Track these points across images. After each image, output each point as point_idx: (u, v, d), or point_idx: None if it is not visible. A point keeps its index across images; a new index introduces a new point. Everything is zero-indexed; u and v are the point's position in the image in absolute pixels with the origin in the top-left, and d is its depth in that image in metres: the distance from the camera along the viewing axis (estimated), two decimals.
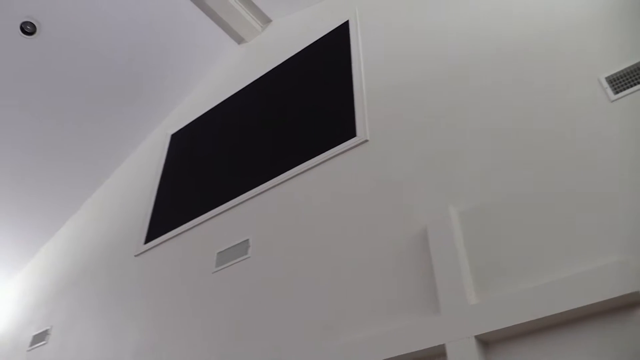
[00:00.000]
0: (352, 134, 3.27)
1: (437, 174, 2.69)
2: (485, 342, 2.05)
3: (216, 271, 3.40)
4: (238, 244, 3.38)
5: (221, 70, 5.30)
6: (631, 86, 2.25)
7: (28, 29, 4.71)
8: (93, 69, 4.95)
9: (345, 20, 4.12)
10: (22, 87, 4.87)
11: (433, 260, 2.32)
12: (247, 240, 3.34)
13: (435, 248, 2.35)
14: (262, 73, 4.60)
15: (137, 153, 5.44)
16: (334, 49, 4.00)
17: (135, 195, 4.90)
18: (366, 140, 3.17)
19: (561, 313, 1.87)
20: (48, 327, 4.70)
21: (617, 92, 2.28)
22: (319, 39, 4.27)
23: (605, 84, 2.33)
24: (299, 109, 3.84)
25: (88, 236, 5.17)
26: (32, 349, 4.72)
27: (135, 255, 4.24)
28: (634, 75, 2.27)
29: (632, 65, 2.29)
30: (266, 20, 5.23)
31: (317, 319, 2.65)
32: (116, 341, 3.84)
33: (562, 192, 2.19)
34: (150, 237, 4.23)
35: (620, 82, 2.30)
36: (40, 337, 4.72)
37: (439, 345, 2.09)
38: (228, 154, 4.17)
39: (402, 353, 2.16)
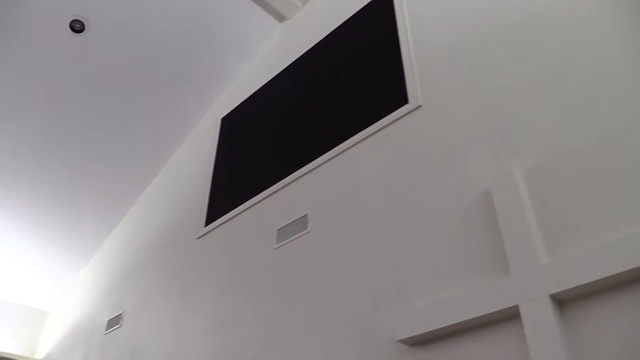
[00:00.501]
0: (404, 100, 3.21)
1: (497, 134, 2.61)
2: (561, 301, 1.99)
3: (277, 247, 3.45)
4: (297, 219, 3.41)
5: (264, 49, 5.30)
6: None
7: (77, 27, 4.84)
8: (141, 63, 5.06)
9: None
10: (76, 83, 5.03)
11: (499, 222, 2.27)
12: (306, 215, 3.36)
13: (500, 209, 2.30)
14: (306, 49, 4.57)
15: (190, 139, 5.55)
16: (377, 16, 3.93)
17: (192, 180, 5.01)
18: (419, 106, 3.11)
19: (638, 268, 1.80)
20: (121, 311, 4.92)
21: None
22: (361, 8, 4.19)
23: None
24: (347, 81, 3.80)
25: (151, 223, 5.34)
26: (108, 332, 4.96)
27: (197, 238, 4.36)
28: None
29: None
30: None
31: (383, 289, 2.65)
32: (186, 321, 3.97)
33: (630, 144, 2.09)
34: (210, 219, 4.32)
35: None
36: (114, 321, 4.94)
37: (512, 307, 2.05)
38: (279, 132, 4.19)
39: (474, 316, 2.13)
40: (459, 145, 2.75)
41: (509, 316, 2.10)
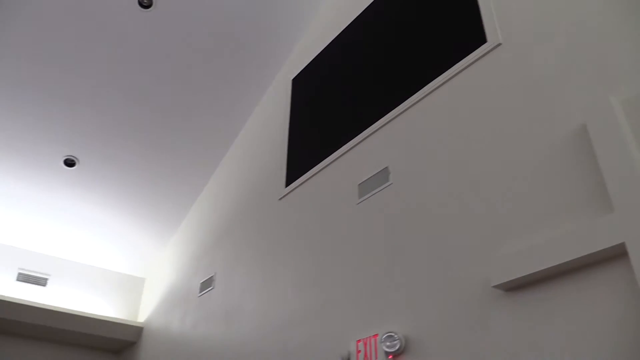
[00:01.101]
0: (481, 40, 3.05)
1: (589, 63, 2.43)
2: None
3: (360, 202, 3.44)
4: (378, 172, 3.37)
5: (329, 5, 5.19)
6: None
7: (145, 2, 4.94)
8: (208, 33, 5.10)
9: None
10: (147, 57, 5.17)
11: (598, 157, 2.12)
12: (387, 167, 3.31)
13: (598, 143, 2.15)
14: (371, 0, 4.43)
15: (262, 104, 5.59)
16: None
17: (268, 143, 5.07)
18: (499, 44, 2.94)
19: None
20: (212, 274, 5.13)
21: None
22: None
23: None
24: (419, 27, 3.66)
25: (232, 189, 5.49)
26: (202, 294, 5.20)
27: (279, 199, 4.43)
28: None
29: None
30: None
31: (475, 234, 2.58)
32: (274, 280, 4.08)
33: None
34: (290, 179, 4.37)
35: None
36: (207, 284, 5.18)
37: (618, 245, 1.93)
38: (351, 87, 4.12)
39: (575, 257, 2.03)
40: (545, 80, 2.58)
41: (614, 255, 1.98)
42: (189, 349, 5.10)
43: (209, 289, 5.08)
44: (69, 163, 5.86)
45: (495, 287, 2.32)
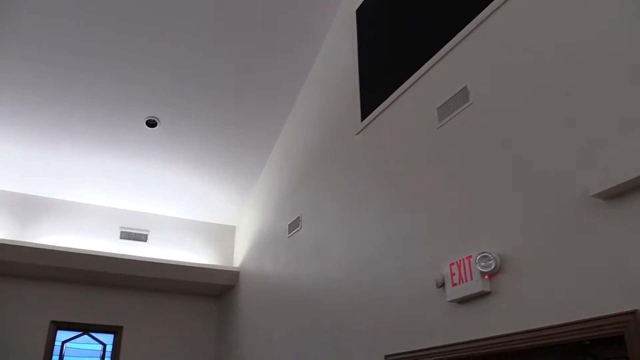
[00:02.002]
0: None
1: None
2: None
3: (440, 126, 3.34)
4: (456, 93, 3.24)
5: None
6: None
7: None
8: None
9: None
10: (218, 5, 5.17)
11: None
12: (465, 87, 3.18)
13: None
14: None
15: (328, 39, 5.48)
16: None
17: (339, 79, 5.00)
18: None
19: None
20: (298, 215, 5.26)
21: None
22: None
23: None
24: None
25: (308, 128, 5.51)
26: (291, 235, 5.36)
27: (356, 134, 4.40)
28: None
29: None
30: None
31: (571, 142, 2.44)
32: (358, 215, 4.12)
33: None
34: (365, 113, 4.32)
35: None
36: (294, 225, 5.32)
37: None
38: (419, 8, 3.93)
39: None
40: None
41: None
42: (284, 287, 5.32)
43: (297, 229, 5.23)
44: (151, 124, 6.09)
45: (595, 196, 2.21)
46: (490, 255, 2.69)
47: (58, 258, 6.28)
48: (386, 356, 3.41)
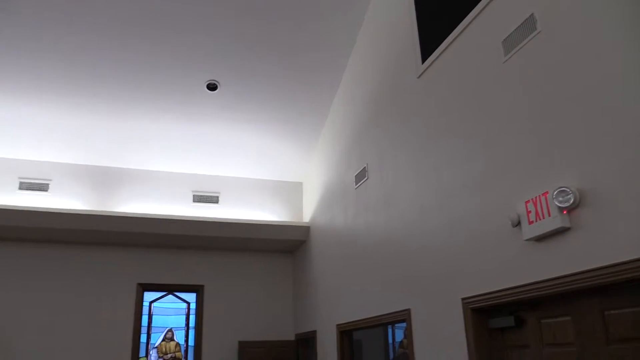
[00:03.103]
0: None
1: None
2: None
3: (506, 60, 3.18)
4: (523, 22, 3.05)
5: None
6: None
7: None
8: None
9: None
10: None
11: None
12: (532, 14, 2.98)
13: None
14: None
15: None
16: None
17: (396, 23, 4.84)
18: None
19: None
20: (364, 165, 5.24)
21: None
22: None
23: None
24: None
25: (368, 77, 5.42)
26: (358, 186, 5.36)
27: (418, 77, 4.28)
28: None
29: None
30: None
31: None
32: (425, 160, 4.04)
33: None
34: (425, 55, 4.18)
35: None
36: (361, 175, 5.31)
37: None
38: None
39: None
40: None
41: None
42: (354, 238, 5.36)
43: (364, 179, 5.21)
44: (211, 87, 6.18)
45: None
46: (568, 190, 2.57)
47: (137, 224, 6.62)
48: (463, 299, 3.40)
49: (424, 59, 4.18)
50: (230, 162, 7.23)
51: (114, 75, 5.87)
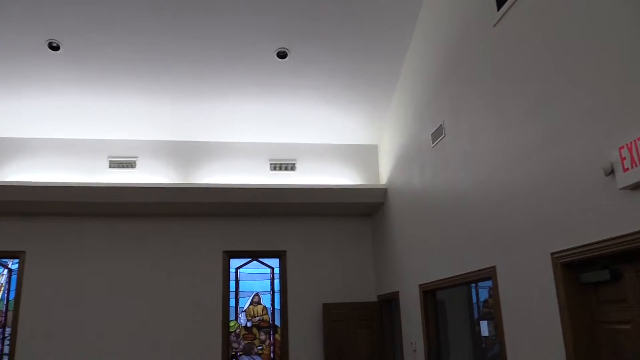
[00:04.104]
0: None
1: None
2: None
3: None
4: None
5: None
6: None
7: None
8: None
9: None
10: None
11: None
12: None
13: None
14: None
15: None
16: None
17: None
18: None
19: None
20: (441, 122, 5.10)
21: None
22: None
23: None
24: None
25: (441, 31, 5.22)
26: (435, 144, 5.24)
27: (494, 25, 4.06)
28: None
29: None
30: None
31: None
32: (506, 111, 3.86)
33: None
34: (500, 1, 3.96)
35: None
36: (437, 133, 5.18)
37: None
38: None
39: None
40: None
41: None
42: (434, 198, 5.27)
43: (441, 137, 5.08)
44: (281, 55, 6.19)
45: None
46: None
47: (218, 195, 6.85)
48: (552, 254, 3.26)
49: (499, 6, 3.96)
50: (305, 128, 7.27)
51: (189, 53, 6.02)
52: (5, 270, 7.20)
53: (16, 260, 7.18)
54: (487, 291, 4.57)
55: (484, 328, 4.73)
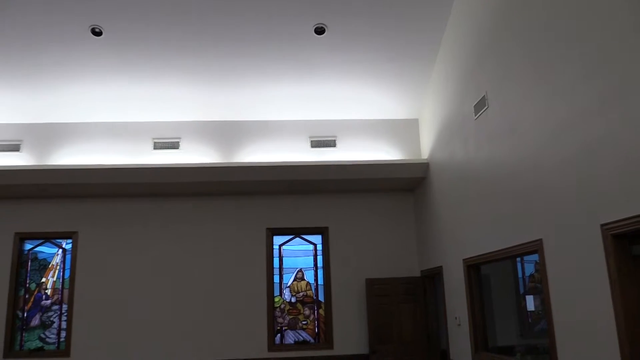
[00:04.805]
0: None
1: None
2: None
3: None
4: None
5: None
6: None
7: None
8: None
9: None
10: None
11: None
12: None
13: None
14: None
15: None
16: None
17: None
18: None
19: None
20: (483, 94, 4.97)
21: None
22: None
23: None
24: None
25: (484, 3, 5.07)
26: (478, 116, 5.12)
27: None
28: None
29: None
30: None
31: None
32: (554, 79, 3.72)
33: None
34: None
35: None
36: (480, 105, 5.05)
37: None
38: None
39: None
40: None
41: None
42: (477, 170, 5.17)
43: (484, 109, 4.96)
44: (319, 31, 6.14)
45: None
46: None
47: (260, 172, 6.93)
48: (602, 225, 3.15)
49: None
50: (344, 105, 7.23)
51: (228, 33, 6.05)
52: (60, 250, 7.53)
53: (69, 241, 7.50)
54: (533, 265, 4.49)
55: (530, 303, 4.66)
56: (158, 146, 7.24)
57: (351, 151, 7.34)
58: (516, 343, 4.94)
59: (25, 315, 7.31)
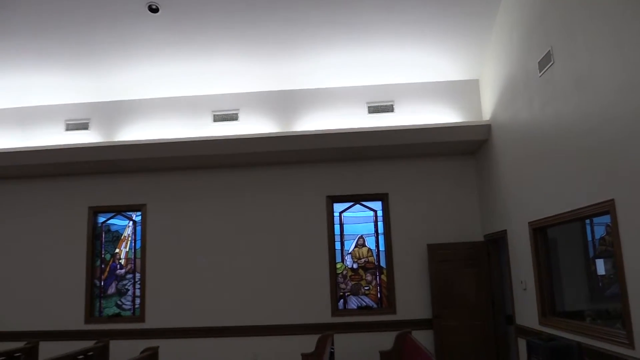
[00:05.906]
0: None
1: None
2: None
3: None
4: None
5: None
6: None
7: None
8: None
9: None
10: None
11: None
12: None
13: None
14: None
15: None
16: None
17: None
18: None
19: None
20: (548, 49, 4.72)
21: None
22: None
23: None
24: None
25: None
26: (543, 73, 4.88)
27: None
28: None
29: None
30: None
31: None
32: (628, 27, 3.48)
33: None
34: None
35: None
36: (545, 61, 4.80)
37: None
38: None
39: None
40: None
41: None
42: (543, 130, 4.96)
43: (549, 64, 4.71)
44: None
45: None
46: None
47: (318, 140, 6.94)
48: None
49: None
50: (402, 68, 7.06)
51: (283, 2, 6.01)
52: (131, 223, 7.89)
53: (139, 213, 7.84)
54: (604, 228, 4.29)
55: (600, 267, 4.47)
56: (217, 118, 7.37)
57: (410, 115, 7.20)
58: (585, 308, 4.78)
59: (102, 283, 7.77)
